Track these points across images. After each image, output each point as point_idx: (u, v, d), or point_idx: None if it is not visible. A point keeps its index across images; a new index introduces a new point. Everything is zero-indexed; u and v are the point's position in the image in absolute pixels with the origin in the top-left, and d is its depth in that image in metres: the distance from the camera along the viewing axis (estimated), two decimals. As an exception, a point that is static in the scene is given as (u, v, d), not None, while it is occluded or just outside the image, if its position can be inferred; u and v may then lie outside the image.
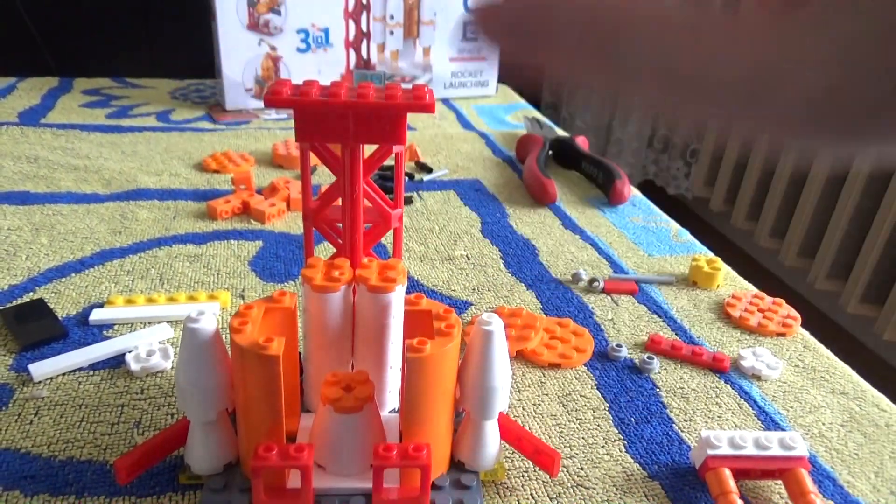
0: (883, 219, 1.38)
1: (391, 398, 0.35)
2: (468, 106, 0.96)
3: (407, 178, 0.69)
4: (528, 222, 0.61)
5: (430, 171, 0.71)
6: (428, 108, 0.31)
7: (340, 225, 0.34)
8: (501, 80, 1.04)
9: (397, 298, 0.33)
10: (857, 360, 0.44)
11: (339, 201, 0.34)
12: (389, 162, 0.73)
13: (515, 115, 0.94)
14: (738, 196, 1.78)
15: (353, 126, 0.31)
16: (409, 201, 0.64)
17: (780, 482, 0.33)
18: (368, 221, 0.35)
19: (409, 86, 0.99)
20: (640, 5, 0.19)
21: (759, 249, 1.74)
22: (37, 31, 1.55)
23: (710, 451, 0.33)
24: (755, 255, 1.84)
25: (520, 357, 0.42)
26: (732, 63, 0.19)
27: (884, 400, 0.40)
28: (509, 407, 0.38)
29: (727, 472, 0.33)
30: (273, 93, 0.30)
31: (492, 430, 0.32)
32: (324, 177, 0.68)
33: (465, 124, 0.88)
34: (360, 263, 0.34)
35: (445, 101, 0.97)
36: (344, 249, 0.34)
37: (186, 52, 1.38)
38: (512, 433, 0.33)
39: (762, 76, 0.18)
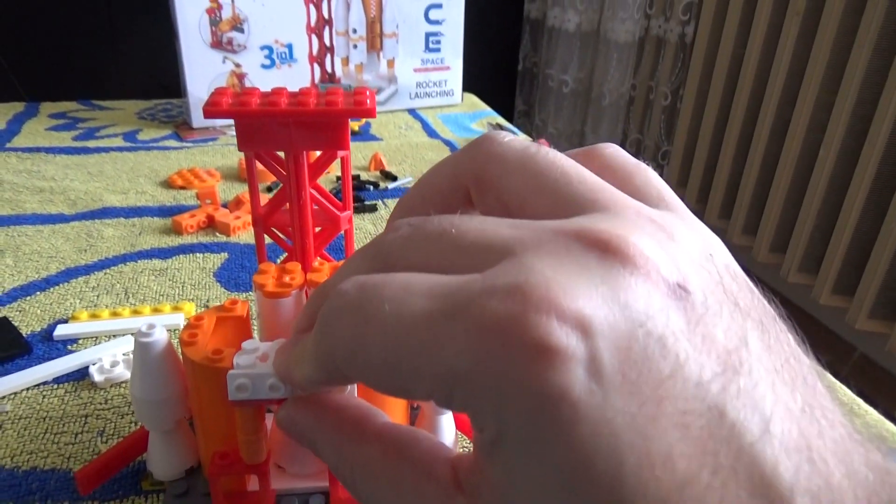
0: (848, 212, 1.41)
1: (349, 396, 0.36)
2: (433, 115, 0.97)
3: (371, 187, 0.70)
4: (490, 224, 0.62)
5: (394, 178, 0.72)
6: (369, 114, 0.32)
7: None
8: (467, 88, 1.05)
9: (349, 298, 0.34)
10: (831, 350, 0.44)
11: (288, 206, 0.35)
12: (355, 172, 0.74)
13: (480, 122, 0.95)
14: (710, 195, 1.81)
15: (294, 134, 0.32)
16: (373, 209, 0.65)
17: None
18: (319, 225, 0.36)
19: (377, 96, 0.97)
20: None
21: (733, 247, 1.77)
22: (4, 57, 1.55)
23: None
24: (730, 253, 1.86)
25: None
26: None
27: (826, 376, 0.41)
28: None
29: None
30: (212, 104, 0.31)
31: (446, 422, 0.34)
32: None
33: (431, 133, 0.89)
34: (311, 267, 0.35)
35: (411, 112, 0.99)
36: (295, 253, 0.35)
37: (154, 74, 1.39)
38: (466, 423, 0.34)
39: None
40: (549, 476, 0.14)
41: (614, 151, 0.20)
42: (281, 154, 0.35)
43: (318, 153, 0.35)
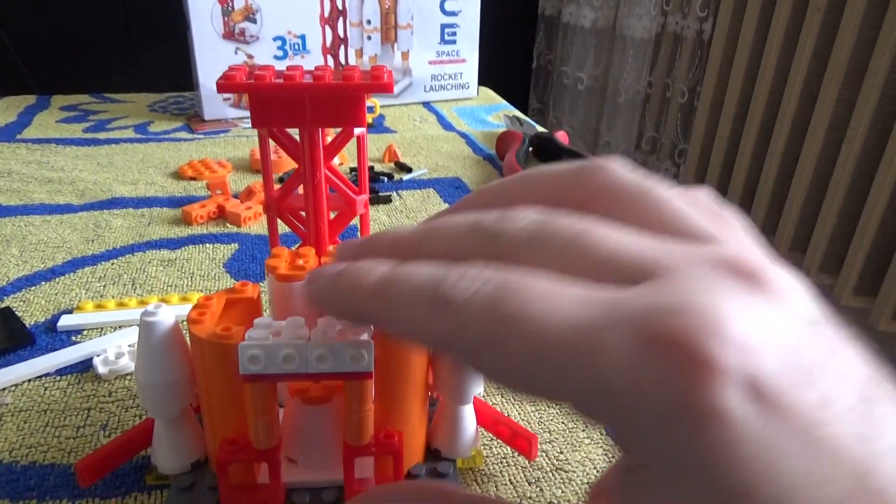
0: (870, 212, 1.38)
1: (364, 390, 0.34)
2: (449, 108, 0.95)
3: (386, 178, 0.68)
4: (509, 216, 0.60)
5: (409, 170, 0.70)
6: (386, 88, 0.31)
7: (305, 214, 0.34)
8: (482, 82, 1.03)
9: (365, 285, 0.32)
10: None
11: (302, 189, 0.33)
12: (369, 163, 0.73)
13: (496, 115, 0.93)
14: (728, 194, 1.78)
15: (309, 109, 0.31)
16: (388, 200, 0.63)
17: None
18: (334, 209, 0.34)
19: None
20: None
21: (751, 246, 1.74)
22: (17, 52, 1.54)
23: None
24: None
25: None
26: None
27: None
28: (488, 395, 0.37)
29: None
30: (226, 78, 0.30)
31: (467, 414, 0.32)
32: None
33: (446, 125, 0.88)
34: (325, 251, 0.33)
35: (426, 104, 0.97)
36: (309, 238, 0.34)
37: (168, 68, 1.38)
38: (488, 417, 0.32)
39: None
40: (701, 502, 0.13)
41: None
42: (295, 135, 0.33)
43: (330, 137, 0.33)
